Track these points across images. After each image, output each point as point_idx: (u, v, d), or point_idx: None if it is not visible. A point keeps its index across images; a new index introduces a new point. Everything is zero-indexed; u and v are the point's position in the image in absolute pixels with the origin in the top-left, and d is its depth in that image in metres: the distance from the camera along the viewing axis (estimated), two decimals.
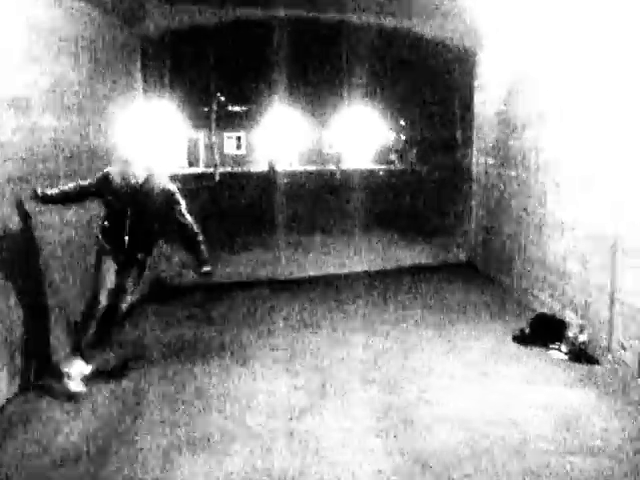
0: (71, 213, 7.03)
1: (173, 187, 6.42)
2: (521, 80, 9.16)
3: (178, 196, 6.42)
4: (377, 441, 5.10)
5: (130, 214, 6.16)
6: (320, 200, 26.66)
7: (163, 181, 6.37)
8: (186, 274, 11.26)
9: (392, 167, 54.31)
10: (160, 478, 4.57)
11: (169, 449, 4.97)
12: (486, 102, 10.84)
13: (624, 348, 6.15)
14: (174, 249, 13.57)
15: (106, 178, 6.26)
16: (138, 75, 9.72)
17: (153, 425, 5.40)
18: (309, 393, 6.06)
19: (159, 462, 4.78)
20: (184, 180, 34.84)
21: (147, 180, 6.26)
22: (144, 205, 6.20)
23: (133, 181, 6.22)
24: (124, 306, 6.38)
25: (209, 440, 5.12)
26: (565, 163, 7.67)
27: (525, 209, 9.02)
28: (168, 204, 6.34)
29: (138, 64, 9.69)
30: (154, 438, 5.16)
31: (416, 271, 11.62)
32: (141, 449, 4.98)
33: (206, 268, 6.46)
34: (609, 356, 6.49)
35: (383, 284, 10.52)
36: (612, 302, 6.40)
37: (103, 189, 6.27)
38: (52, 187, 6.35)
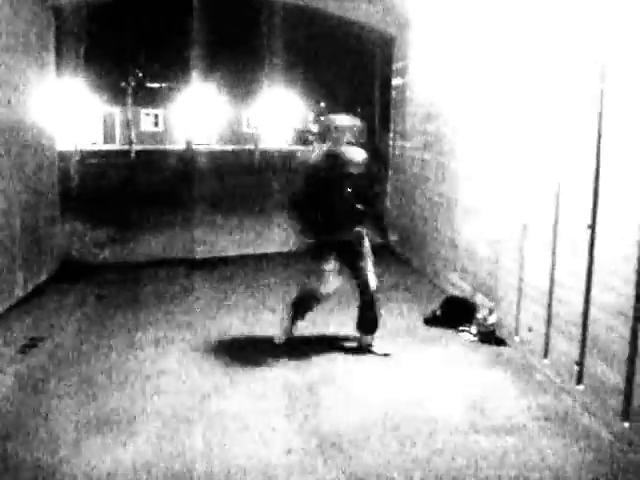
0: None
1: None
2: (434, 66, 9.26)
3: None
4: (285, 421, 5.12)
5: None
6: (238, 179, 26.50)
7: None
8: (98, 253, 11.07)
9: (310, 148, 54.32)
10: (67, 459, 4.48)
11: (77, 429, 4.88)
12: (404, 87, 10.93)
13: (530, 330, 6.32)
14: (87, 227, 13.34)
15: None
16: (51, 49, 9.43)
17: (60, 405, 5.29)
18: (218, 373, 6.04)
19: (67, 443, 4.68)
20: (98, 156, 34.12)
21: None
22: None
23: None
24: None
25: (116, 420, 5.04)
26: (474, 149, 7.81)
27: (439, 193, 9.15)
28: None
29: (51, 37, 9.38)
30: (62, 418, 5.05)
31: None
32: (48, 430, 4.87)
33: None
34: (516, 338, 6.66)
35: (299, 264, 10.53)
36: (520, 285, 6.56)
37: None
38: None
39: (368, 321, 6.66)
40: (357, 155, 6.36)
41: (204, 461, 4.48)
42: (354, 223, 6.45)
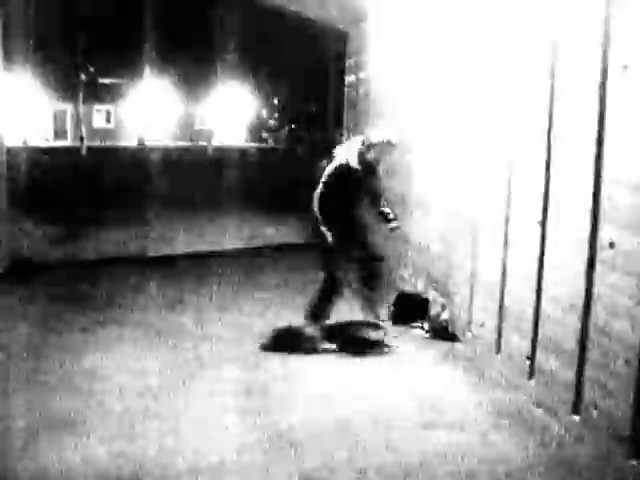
0: None
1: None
2: (387, 61, 9.26)
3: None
4: (239, 418, 5.07)
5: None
6: (191, 177, 26.31)
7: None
8: (49, 251, 10.89)
9: (264, 145, 54.19)
10: (20, 461, 4.37)
11: (28, 431, 4.75)
12: (357, 82, 10.92)
13: (482, 326, 6.35)
14: (37, 225, 13.11)
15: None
16: None
17: (11, 407, 5.16)
18: (171, 372, 5.96)
19: (18, 445, 4.56)
20: (48, 153, 33.61)
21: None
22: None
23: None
24: None
25: (69, 421, 4.93)
26: (427, 144, 7.82)
27: (390, 188, 9.15)
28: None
29: None
30: (13, 420, 4.93)
31: (286, 249, 11.65)
32: (1, 432, 4.75)
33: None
34: (469, 333, 6.69)
35: (253, 262, 10.50)
36: (472, 281, 6.59)
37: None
38: None
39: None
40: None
41: (157, 461, 4.41)
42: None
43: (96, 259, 10.65)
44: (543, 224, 5.24)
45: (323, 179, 6.65)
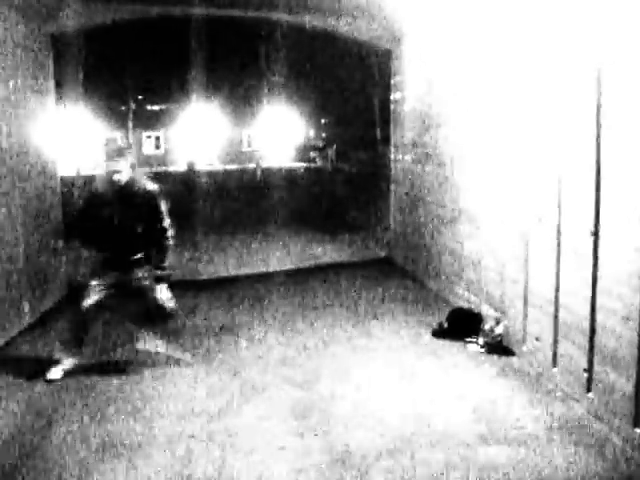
0: None
1: (155, 188, 6.52)
2: (433, 80, 9.29)
3: (159, 198, 6.54)
4: (296, 440, 5.09)
5: (117, 218, 6.43)
6: (241, 199, 26.53)
7: (145, 182, 6.49)
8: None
9: (312, 165, 54.42)
10: None
11: (85, 458, 4.83)
12: (402, 100, 10.97)
13: (538, 339, 6.30)
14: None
15: (90, 195, 6.60)
16: (50, 76, 9.46)
17: (68, 434, 5.24)
18: (227, 394, 6.01)
19: (75, 472, 4.64)
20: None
21: (129, 182, 6.38)
22: (128, 207, 6.38)
23: (116, 184, 6.35)
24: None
25: (125, 446, 5.01)
26: (476, 161, 7.81)
27: (441, 204, 9.15)
28: (150, 206, 6.47)
29: (50, 64, 9.42)
30: (69, 448, 5.01)
31: (336, 268, 11.68)
32: (55, 460, 4.82)
33: (163, 272, 6.63)
34: (524, 347, 6.64)
35: (303, 282, 10.54)
36: (526, 295, 6.55)
37: (91, 204, 6.55)
38: None
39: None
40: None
41: None
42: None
43: None
44: (596, 235, 5.20)
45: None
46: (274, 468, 4.65)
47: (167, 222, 6.61)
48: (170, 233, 6.64)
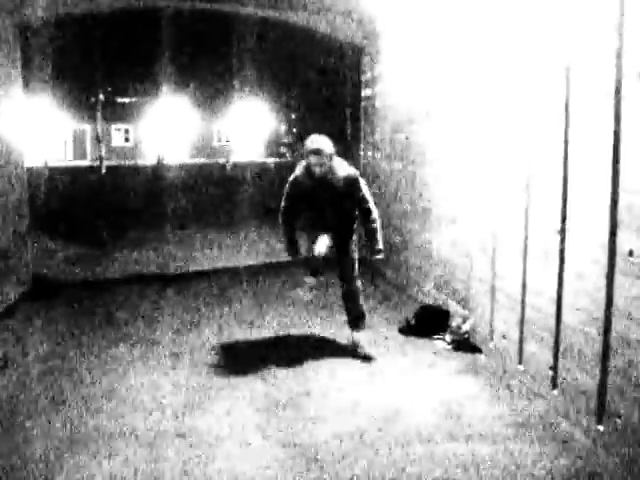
0: None
1: (355, 173, 6.66)
2: (402, 76, 9.30)
3: (361, 181, 6.72)
4: (262, 436, 5.08)
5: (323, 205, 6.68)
6: (210, 193, 26.40)
7: (345, 168, 6.64)
8: (70, 270, 10.98)
9: (282, 160, 54.33)
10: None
11: (51, 452, 4.79)
12: (373, 97, 10.97)
13: (504, 337, 6.34)
14: (58, 245, 13.23)
15: (294, 184, 6.69)
16: (18, 66, 9.33)
17: (34, 428, 5.20)
18: (193, 390, 5.99)
19: (41, 466, 4.60)
20: (68, 173, 33.87)
21: (331, 169, 6.53)
22: (331, 193, 6.59)
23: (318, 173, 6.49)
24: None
25: (92, 441, 4.96)
26: (444, 158, 7.84)
27: (410, 201, 9.18)
28: (351, 190, 6.64)
29: (17, 54, 9.29)
30: (36, 442, 4.96)
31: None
32: (19, 454, 4.77)
33: (379, 256, 6.78)
34: (491, 345, 6.69)
35: (271, 277, 10.53)
36: (493, 293, 6.59)
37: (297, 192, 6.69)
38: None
39: (354, 316, 7.00)
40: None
41: (181, 479, 4.44)
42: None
43: (117, 278, 10.72)
44: (562, 232, 5.25)
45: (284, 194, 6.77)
46: (239, 464, 4.64)
47: (371, 204, 6.75)
48: (375, 214, 6.75)
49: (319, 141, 6.47)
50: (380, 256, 6.76)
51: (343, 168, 6.62)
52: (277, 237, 14.57)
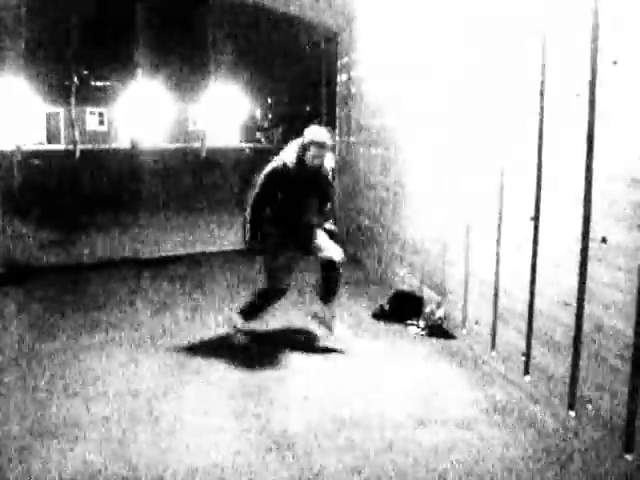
0: None
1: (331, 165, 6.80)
2: (378, 61, 9.28)
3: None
4: (236, 421, 5.07)
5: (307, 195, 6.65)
6: (185, 178, 26.30)
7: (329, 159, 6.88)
8: (42, 255, 10.88)
9: (258, 145, 54.17)
10: (11, 467, 4.36)
11: (21, 437, 4.74)
12: (349, 82, 10.94)
13: (477, 323, 6.37)
14: (31, 229, 13.10)
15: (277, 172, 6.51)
16: None
17: (3, 413, 5.14)
18: (166, 375, 5.96)
19: (10, 452, 4.55)
20: (42, 157, 33.57)
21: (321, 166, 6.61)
22: (311, 184, 6.62)
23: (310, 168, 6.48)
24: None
25: (63, 427, 4.92)
26: (419, 144, 7.83)
27: (386, 188, 9.17)
28: (326, 180, 6.83)
29: None
30: (5, 426, 4.91)
31: None
32: None
33: (331, 226, 7.02)
34: (464, 331, 6.71)
35: (245, 263, 10.50)
36: (466, 279, 6.61)
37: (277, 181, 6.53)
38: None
39: (330, 292, 6.79)
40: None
41: (151, 465, 4.41)
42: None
43: (90, 262, 10.63)
44: (536, 220, 5.26)
45: (259, 182, 6.58)
46: (213, 450, 4.62)
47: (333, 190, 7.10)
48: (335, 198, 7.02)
49: (323, 134, 6.43)
50: (334, 227, 7.04)
51: (328, 159, 6.71)
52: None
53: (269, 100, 59.91)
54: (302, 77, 50.09)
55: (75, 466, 4.38)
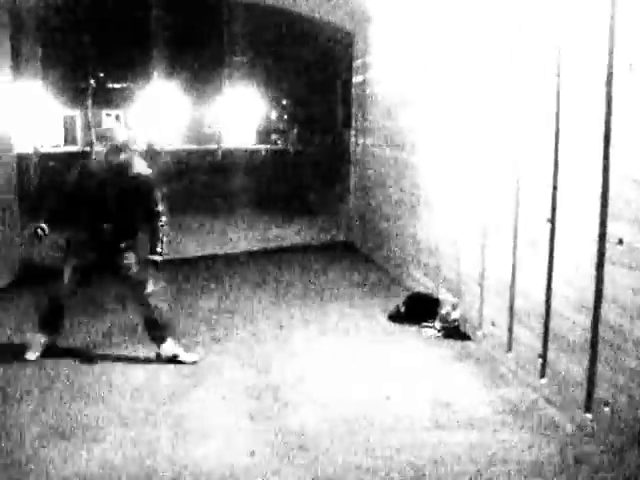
0: None
1: (149, 172, 6.35)
2: (394, 62, 9.27)
3: (153, 182, 6.42)
4: (251, 422, 5.08)
5: (110, 202, 6.14)
6: (201, 180, 26.35)
7: (140, 166, 6.30)
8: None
9: (274, 147, 54.14)
10: (30, 468, 4.38)
11: (39, 439, 4.76)
12: (364, 84, 10.94)
13: (494, 324, 6.35)
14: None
15: (82, 171, 6.25)
16: (7, 51, 9.26)
17: (23, 414, 5.17)
18: (183, 376, 5.98)
19: (28, 453, 4.57)
20: (58, 159, 33.69)
21: (124, 164, 6.17)
22: (120, 190, 6.15)
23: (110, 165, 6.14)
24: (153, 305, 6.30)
25: (80, 428, 4.94)
26: (435, 146, 7.82)
27: (401, 189, 9.16)
28: (143, 190, 6.28)
29: (6, 39, 9.21)
30: (24, 428, 4.93)
31: (296, 250, 11.68)
32: (10, 441, 4.73)
33: (156, 257, 6.29)
34: (480, 332, 6.69)
35: (263, 263, 10.52)
36: (482, 280, 6.59)
37: (80, 185, 6.20)
38: None
39: (159, 335, 6.34)
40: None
41: (169, 464, 4.42)
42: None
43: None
44: (552, 222, 5.24)
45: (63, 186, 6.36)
46: (228, 449, 4.63)
47: (161, 207, 6.36)
48: (165, 219, 6.37)
49: (113, 127, 6.30)
50: (158, 258, 6.30)
51: (140, 164, 6.33)
52: (269, 223, 14.58)
53: (284, 102, 59.88)
54: (318, 79, 50.07)
55: (94, 467, 4.40)
